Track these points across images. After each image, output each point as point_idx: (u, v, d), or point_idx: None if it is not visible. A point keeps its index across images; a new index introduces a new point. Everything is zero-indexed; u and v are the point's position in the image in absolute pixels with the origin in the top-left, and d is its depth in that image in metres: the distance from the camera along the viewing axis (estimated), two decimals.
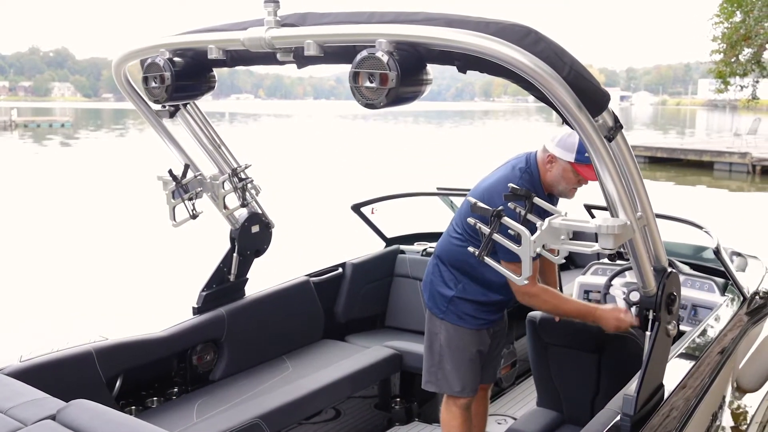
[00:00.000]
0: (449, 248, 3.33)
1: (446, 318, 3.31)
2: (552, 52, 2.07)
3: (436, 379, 3.38)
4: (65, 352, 3.20)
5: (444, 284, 3.32)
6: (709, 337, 3.46)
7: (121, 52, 3.05)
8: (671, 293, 2.60)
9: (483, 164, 4.16)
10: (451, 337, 3.32)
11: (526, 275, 2.34)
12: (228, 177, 3.59)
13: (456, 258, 3.28)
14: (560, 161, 3.05)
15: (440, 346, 3.35)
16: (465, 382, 3.32)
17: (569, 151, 3.02)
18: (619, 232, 2.20)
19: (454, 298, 3.29)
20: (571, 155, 3.01)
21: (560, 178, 3.10)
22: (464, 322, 3.29)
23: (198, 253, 10.42)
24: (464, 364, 3.32)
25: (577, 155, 3.00)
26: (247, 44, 2.46)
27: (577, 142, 2.99)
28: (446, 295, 3.30)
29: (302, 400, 3.61)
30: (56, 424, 2.45)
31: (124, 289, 8.69)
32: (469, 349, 3.31)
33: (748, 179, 20.53)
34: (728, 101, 44.68)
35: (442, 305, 3.32)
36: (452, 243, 3.31)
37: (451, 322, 3.31)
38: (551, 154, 3.07)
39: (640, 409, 2.56)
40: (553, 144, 3.07)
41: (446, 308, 3.31)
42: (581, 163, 3.00)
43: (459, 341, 3.31)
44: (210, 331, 3.81)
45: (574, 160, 3.01)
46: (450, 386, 3.34)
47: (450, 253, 3.32)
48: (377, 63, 2.10)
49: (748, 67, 11.35)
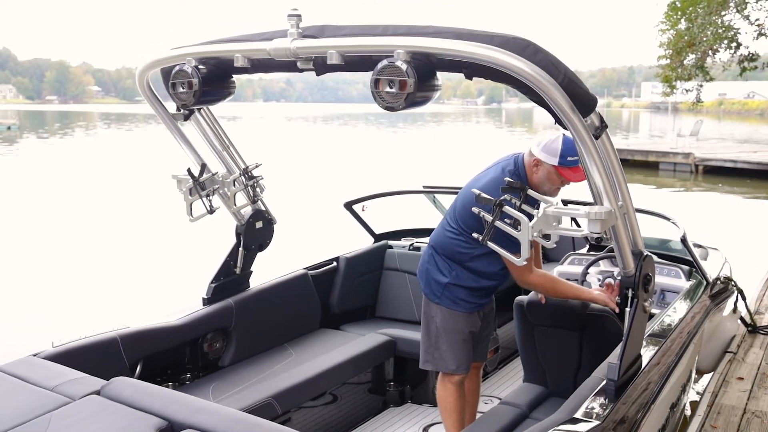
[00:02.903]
0: (444, 240, 3.66)
1: (441, 302, 3.64)
2: (549, 61, 2.44)
3: (432, 358, 3.71)
4: (93, 338, 3.43)
5: (439, 272, 3.65)
6: (678, 317, 3.88)
7: (146, 60, 3.32)
8: (647, 274, 2.98)
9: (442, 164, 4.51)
10: (446, 319, 3.65)
11: (525, 257, 2.71)
12: (239, 175, 3.87)
13: (450, 249, 3.61)
14: (545, 165, 3.36)
15: (436, 328, 3.68)
16: (459, 360, 3.65)
17: (553, 155, 3.33)
18: (605, 218, 2.58)
19: (449, 285, 3.62)
20: (555, 159, 3.32)
21: (545, 179, 3.41)
22: (458, 306, 3.62)
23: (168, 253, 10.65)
24: (458, 344, 3.65)
25: (560, 159, 3.32)
26: (273, 54, 2.75)
27: (560, 148, 3.31)
28: (441, 282, 3.63)
29: (309, 382, 3.90)
30: (101, 398, 2.70)
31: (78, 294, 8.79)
32: (462, 330, 3.65)
33: (691, 178, 21.45)
34: (670, 104, 46.25)
35: (437, 291, 3.65)
36: (446, 235, 3.64)
37: (446, 306, 3.63)
38: (537, 158, 3.38)
39: (623, 375, 2.92)
40: (538, 149, 3.37)
41: (441, 293, 3.64)
42: (564, 166, 3.32)
43: (453, 323, 3.64)
44: (219, 321, 4.07)
45: (557, 163, 3.32)
46: (446, 365, 3.67)
47: (444, 244, 3.65)
48: (397, 71, 2.43)
49: (693, 72, 12.01)
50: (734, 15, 11.54)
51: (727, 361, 5.19)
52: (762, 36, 11.55)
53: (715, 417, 4.33)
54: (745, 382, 4.85)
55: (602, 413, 2.74)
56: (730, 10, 11.44)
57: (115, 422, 2.50)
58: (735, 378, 4.93)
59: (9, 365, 3.00)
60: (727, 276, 4.95)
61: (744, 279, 5.52)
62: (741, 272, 5.45)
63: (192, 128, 3.76)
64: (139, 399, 2.67)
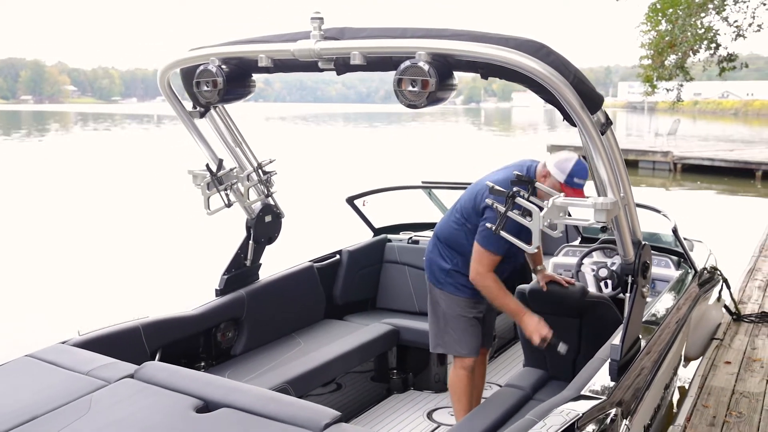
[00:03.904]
0: (447, 230, 3.84)
1: (444, 288, 3.83)
2: (560, 62, 2.63)
3: (443, 342, 3.89)
4: (117, 327, 3.56)
5: (442, 259, 3.84)
6: (669, 303, 4.09)
7: (169, 60, 3.45)
8: (645, 262, 3.19)
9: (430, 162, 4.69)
10: (450, 305, 3.84)
11: (536, 245, 2.91)
12: (253, 170, 4.02)
13: (452, 239, 3.81)
14: (553, 178, 3.52)
15: (443, 314, 3.86)
16: (470, 344, 3.84)
17: (563, 172, 3.48)
18: (610, 208, 2.78)
19: (451, 271, 3.81)
20: (563, 176, 3.48)
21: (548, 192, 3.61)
22: (461, 291, 3.81)
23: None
24: (466, 328, 3.83)
25: (567, 178, 3.47)
26: (297, 54, 2.91)
27: (570, 168, 3.47)
28: (444, 268, 3.82)
29: (321, 368, 4.06)
30: (135, 381, 2.85)
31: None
32: (467, 314, 3.83)
33: (670, 176, 21.89)
34: (646, 103, 46.89)
35: (441, 277, 3.84)
36: (451, 227, 3.83)
37: (450, 292, 3.83)
38: (548, 170, 3.54)
39: (624, 355, 3.12)
40: (551, 163, 3.53)
41: (444, 280, 3.83)
42: (568, 186, 3.48)
43: (457, 308, 3.82)
44: (232, 311, 4.21)
45: (564, 181, 3.48)
46: (455, 348, 3.86)
47: (448, 234, 3.84)
48: (419, 71, 2.60)
49: (673, 72, 12.30)
50: (713, 17, 11.86)
51: (715, 347, 5.44)
52: (740, 37, 11.86)
53: (706, 397, 4.56)
54: (733, 366, 5.09)
55: (607, 390, 2.93)
56: (709, 11, 11.75)
57: (153, 402, 2.64)
58: (723, 362, 5.17)
59: (40, 352, 3.12)
60: (713, 266, 5.20)
61: (726, 272, 5.77)
62: (723, 265, 5.70)
63: (207, 126, 3.90)
64: (173, 381, 2.81)
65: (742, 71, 14.89)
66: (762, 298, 6.86)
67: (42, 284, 9.12)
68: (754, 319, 6.12)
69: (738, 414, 4.33)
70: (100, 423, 2.52)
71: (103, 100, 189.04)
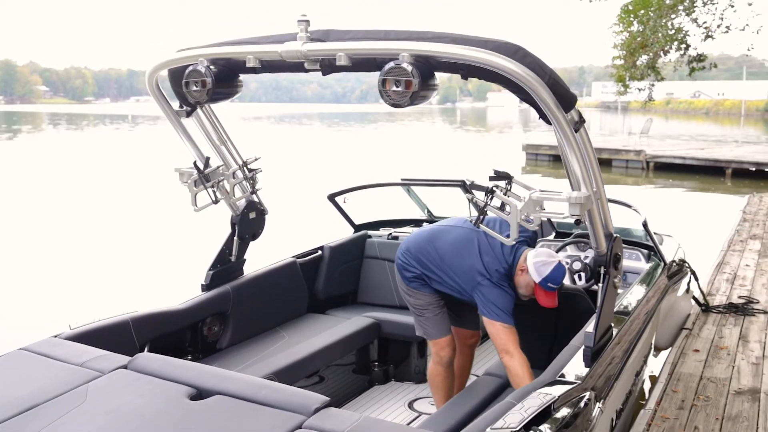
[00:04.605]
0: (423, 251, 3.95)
1: (410, 285, 4.00)
2: (536, 64, 2.78)
3: (420, 326, 4.08)
4: (107, 321, 3.64)
5: (410, 265, 3.98)
6: (640, 294, 4.27)
7: (157, 61, 3.54)
8: (617, 253, 3.35)
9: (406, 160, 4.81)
10: (416, 298, 4.02)
11: (514, 237, 3.05)
12: (239, 167, 4.12)
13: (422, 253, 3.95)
14: (529, 276, 3.67)
15: (412, 305, 4.05)
16: (437, 328, 4.01)
17: (539, 274, 3.62)
18: (584, 202, 2.93)
19: (415, 277, 3.98)
20: (538, 277, 3.63)
21: (524, 285, 3.72)
22: (425, 288, 3.97)
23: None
24: (431, 316, 4.00)
25: (541, 280, 3.62)
26: (285, 56, 3.02)
27: (547, 272, 3.60)
28: (411, 272, 3.98)
29: (305, 361, 4.18)
30: (129, 371, 2.94)
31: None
32: (431, 307, 3.99)
33: (643, 174, 22.27)
34: (620, 103, 47.50)
35: (409, 276, 4.00)
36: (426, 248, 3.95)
37: (414, 288, 3.99)
38: (526, 266, 3.68)
39: (597, 342, 3.27)
40: (531, 261, 3.65)
41: (411, 278, 3.99)
42: (541, 287, 3.64)
43: (422, 301, 4.00)
44: (218, 305, 4.30)
45: (538, 282, 3.64)
46: (427, 333, 4.05)
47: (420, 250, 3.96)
48: (403, 72, 2.73)
49: (645, 72, 12.59)
50: (683, 18, 12.16)
51: (684, 337, 5.65)
52: (709, 38, 12.18)
53: (676, 383, 4.76)
54: (701, 354, 5.30)
55: (581, 375, 3.09)
56: (679, 13, 12.05)
57: (148, 391, 2.74)
58: (692, 350, 5.38)
59: (34, 345, 3.20)
60: (682, 258, 5.39)
61: (696, 266, 5.99)
62: (693, 259, 5.92)
63: (193, 124, 3.99)
64: (166, 371, 2.91)
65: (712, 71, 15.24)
66: (730, 290, 7.11)
67: (25, 282, 9.12)
68: (722, 310, 6.36)
69: (705, 398, 4.53)
70: (97, 411, 2.61)
71: (75, 100, 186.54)
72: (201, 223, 6.54)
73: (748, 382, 4.79)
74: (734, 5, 11.99)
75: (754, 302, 6.62)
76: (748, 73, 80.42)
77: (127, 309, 3.81)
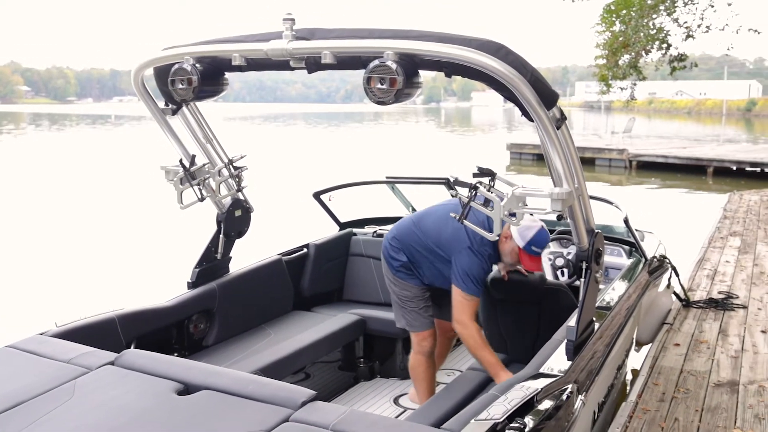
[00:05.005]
0: (406, 233, 4.07)
1: (397, 275, 4.08)
2: (518, 62, 2.83)
3: (402, 318, 4.15)
4: (93, 318, 3.65)
5: (396, 253, 4.08)
6: (622, 289, 4.33)
7: (143, 59, 3.55)
8: (598, 249, 3.41)
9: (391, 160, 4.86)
10: (394, 289, 4.11)
11: (497, 232, 3.10)
12: (224, 165, 4.14)
13: (406, 241, 4.06)
14: (513, 242, 3.74)
15: (396, 296, 4.12)
16: (420, 321, 4.08)
17: (523, 239, 3.70)
18: (566, 198, 2.98)
19: (401, 266, 4.06)
20: (522, 242, 3.70)
21: (509, 252, 3.80)
22: (412, 279, 4.06)
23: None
24: (415, 308, 4.07)
25: (525, 245, 3.69)
26: (270, 54, 3.05)
27: (531, 236, 3.68)
28: (398, 260, 4.06)
29: (291, 357, 4.20)
30: (116, 368, 2.96)
31: None
32: (416, 299, 4.07)
33: (625, 173, 22.46)
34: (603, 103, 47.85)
35: (395, 265, 4.08)
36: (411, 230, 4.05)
37: (401, 278, 4.07)
38: (510, 233, 3.75)
39: (579, 336, 3.33)
40: (515, 227, 3.69)
41: (398, 267, 4.07)
42: (526, 252, 3.71)
43: (408, 293, 4.07)
44: (204, 303, 4.32)
45: (522, 247, 3.71)
46: (410, 324, 4.11)
47: (405, 236, 4.07)
48: (387, 69, 2.77)
49: (627, 72, 12.72)
50: (664, 18, 12.30)
51: (665, 331, 5.74)
52: (690, 38, 12.32)
53: (657, 376, 4.84)
54: (681, 348, 5.39)
55: (563, 368, 3.14)
56: (660, 13, 12.18)
57: (135, 387, 2.76)
58: (672, 344, 5.47)
59: (20, 343, 3.21)
60: (663, 254, 5.48)
61: (677, 262, 6.08)
62: (674, 256, 6.01)
63: (179, 123, 4.01)
64: (153, 367, 2.93)
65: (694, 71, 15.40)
66: (710, 286, 7.22)
67: (10, 281, 9.08)
68: (702, 305, 6.46)
69: (685, 390, 4.61)
70: (84, 407, 2.63)
71: (57, 100, 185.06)
72: (187, 221, 6.54)
73: (727, 375, 4.88)
74: (714, 5, 12.15)
75: (733, 297, 6.74)
76: (729, 73, 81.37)
77: (113, 307, 3.82)
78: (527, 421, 2.62)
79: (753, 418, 4.22)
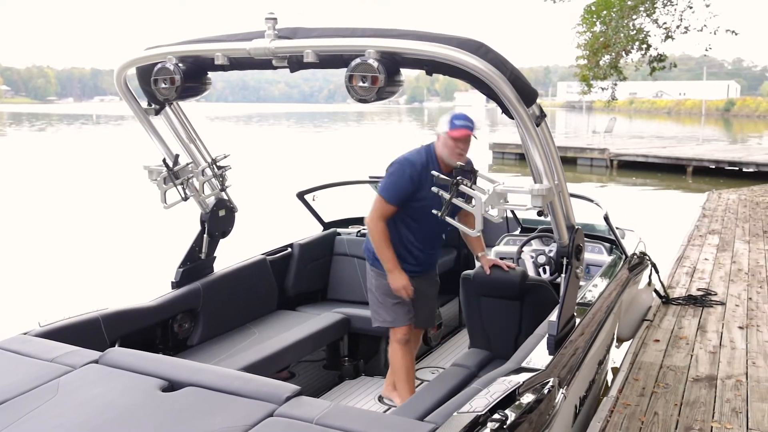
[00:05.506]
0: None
1: (374, 266, 4.12)
2: (498, 60, 2.87)
3: (377, 314, 4.20)
4: (77, 318, 3.65)
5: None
6: (602, 286, 4.40)
7: (125, 59, 3.56)
8: (579, 245, 3.46)
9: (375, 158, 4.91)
10: (378, 279, 4.13)
11: (479, 228, 3.14)
12: (208, 165, 4.15)
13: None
14: (441, 136, 3.87)
15: (373, 288, 4.17)
16: (394, 315, 4.12)
17: (444, 124, 3.84)
18: (546, 194, 3.03)
19: None
20: (446, 127, 3.83)
21: (444, 148, 3.89)
22: None
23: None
24: (391, 301, 4.11)
25: (449, 126, 3.82)
26: (253, 53, 3.08)
27: (448, 119, 3.84)
28: (372, 249, 4.09)
29: (275, 356, 4.22)
30: (101, 366, 2.96)
31: None
32: (389, 288, 4.07)
33: (607, 172, 22.68)
34: (584, 103, 48.19)
35: (371, 256, 4.13)
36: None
37: (378, 269, 4.10)
38: (438, 134, 3.91)
39: (560, 331, 3.38)
40: (438, 128, 3.90)
41: (374, 258, 4.10)
42: (453, 128, 3.81)
43: (385, 284, 4.09)
44: (188, 302, 4.33)
45: (447, 130, 3.82)
46: (384, 319, 4.16)
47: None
48: (369, 68, 2.81)
49: (608, 72, 12.85)
50: (644, 19, 12.43)
51: (645, 328, 5.82)
52: (669, 38, 12.47)
53: (637, 371, 4.91)
54: (661, 344, 5.47)
55: (545, 363, 3.19)
56: (640, 14, 12.32)
57: (119, 384, 2.77)
58: (652, 340, 5.55)
59: (3, 343, 3.19)
60: (643, 251, 5.56)
61: (657, 260, 6.17)
62: (654, 254, 6.09)
63: (162, 123, 4.02)
64: (138, 364, 2.93)
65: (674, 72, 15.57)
66: (689, 283, 7.33)
67: None
68: (682, 302, 6.55)
69: (665, 385, 4.69)
70: (68, 405, 2.63)
71: (38, 100, 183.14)
72: (170, 221, 6.53)
73: (705, 370, 4.96)
74: (693, 6, 12.30)
75: (712, 294, 6.84)
76: (708, 74, 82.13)
77: (97, 306, 3.82)
78: (509, 413, 2.66)
79: (730, 412, 4.30)
